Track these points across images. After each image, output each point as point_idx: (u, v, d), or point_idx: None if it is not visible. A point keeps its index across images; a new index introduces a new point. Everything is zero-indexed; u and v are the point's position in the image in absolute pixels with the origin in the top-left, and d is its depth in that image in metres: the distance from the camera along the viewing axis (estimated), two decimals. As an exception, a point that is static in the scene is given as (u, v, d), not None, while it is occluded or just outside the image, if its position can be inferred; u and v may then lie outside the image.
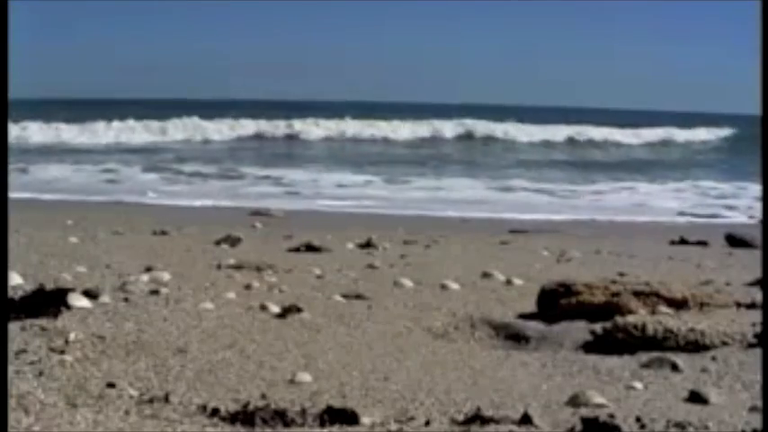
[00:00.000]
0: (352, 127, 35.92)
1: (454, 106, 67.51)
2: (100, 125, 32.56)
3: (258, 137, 34.13)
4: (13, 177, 15.40)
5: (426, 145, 32.74)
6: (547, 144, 34.79)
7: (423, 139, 34.52)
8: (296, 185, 16.91)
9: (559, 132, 36.98)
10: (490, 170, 21.91)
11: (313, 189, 16.35)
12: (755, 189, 16.07)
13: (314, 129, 35.39)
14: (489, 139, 35.42)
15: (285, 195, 15.33)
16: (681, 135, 39.33)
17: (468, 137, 35.89)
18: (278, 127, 35.53)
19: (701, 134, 40.01)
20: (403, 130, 35.89)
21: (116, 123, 33.01)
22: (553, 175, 20.81)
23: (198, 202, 13.60)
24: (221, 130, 34.23)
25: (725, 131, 40.76)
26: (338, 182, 17.70)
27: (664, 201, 15.79)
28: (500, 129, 36.93)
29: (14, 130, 27.98)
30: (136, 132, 32.41)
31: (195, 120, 34.82)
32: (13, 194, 8.84)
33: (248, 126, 35.39)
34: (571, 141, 35.98)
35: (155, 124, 33.72)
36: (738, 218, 13.28)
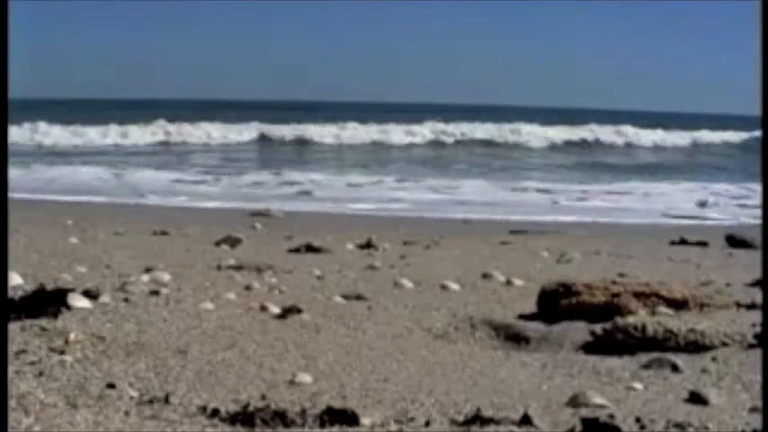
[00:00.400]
0: (353, 128, 35.86)
1: (458, 107, 67.54)
2: (100, 125, 32.54)
3: (260, 138, 34.09)
4: (14, 177, 15.40)
5: (430, 146, 32.73)
6: (565, 145, 34.67)
7: (426, 141, 34.46)
8: (296, 186, 16.92)
9: (574, 133, 36.84)
10: (496, 171, 21.93)
11: (314, 190, 16.35)
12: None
13: (316, 130, 35.33)
14: (494, 141, 35.31)
15: (285, 196, 15.32)
16: (705, 137, 39.13)
17: (471, 138, 35.74)
18: (280, 129, 35.46)
19: (726, 136, 39.74)
20: (405, 131, 35.79)
21: (116, 124, 32.99)
22: (561, 177, 20.85)
23: (199, 203, 13.60)
24: (223, 131, 34.20)
25: (753, 134, 40.34)
26: (339, 183, 17.70)
27: (668, 201, 15.79)
28: (507, 129, 36.80)
29: (14, 130, 27.97)
30: (136, 133, 32.41)
31: (196, 121, 34.78)
32: (13, 194, 8.85)
33: (250, 127, 35.34)
34: (585, 142, 35.85)
35: (155, 125, 33.69)
36: (738, 218, 13.28)
